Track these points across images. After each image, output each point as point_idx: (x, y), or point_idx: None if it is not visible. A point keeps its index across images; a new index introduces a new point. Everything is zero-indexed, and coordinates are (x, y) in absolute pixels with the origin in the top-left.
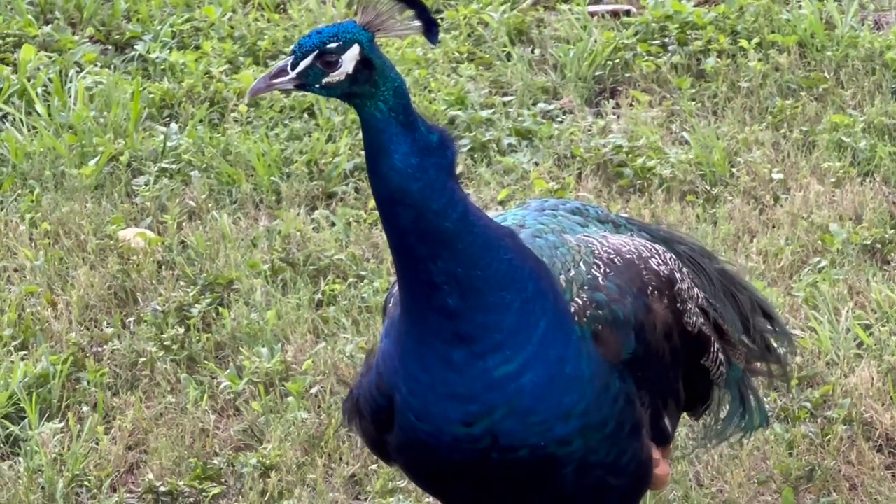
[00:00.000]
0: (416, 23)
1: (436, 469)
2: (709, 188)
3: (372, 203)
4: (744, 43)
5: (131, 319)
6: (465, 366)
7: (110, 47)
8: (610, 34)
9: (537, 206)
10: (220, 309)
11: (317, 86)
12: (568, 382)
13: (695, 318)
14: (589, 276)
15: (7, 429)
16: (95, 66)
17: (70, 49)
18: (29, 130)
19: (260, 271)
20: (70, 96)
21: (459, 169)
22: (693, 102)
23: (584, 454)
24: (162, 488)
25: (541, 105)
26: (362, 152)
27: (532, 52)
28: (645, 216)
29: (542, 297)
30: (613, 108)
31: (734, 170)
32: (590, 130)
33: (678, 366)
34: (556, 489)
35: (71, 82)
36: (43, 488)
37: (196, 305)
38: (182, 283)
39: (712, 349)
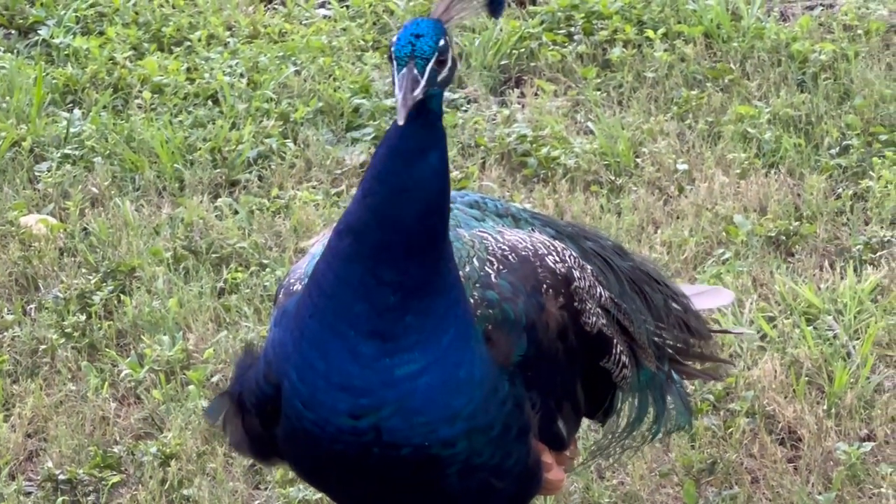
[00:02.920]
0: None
1: (319, 460)
2: (613, 178)
3: (275, 191)
4: (650, 33)
5: (32, 306)
6: (371, 360)
7: (13, 32)
8: (515, 23)
9: None
10: (122, 296)
11: (435, 87)
12: (459, 386)
13: (594, 319)
14: (482, 274)
15: None
16: None
17: None
18: None
19: (162, 259)
20: None
21: (363, 158)
22: (598, 92)
23: (469, 456)
24: (61, 476)
25: (445, 94)
26: (266, 140)
27: None
28: (549, 206)
29: (457, 305)
30: (518, 97)
31: (639, 160)
32: (494, 120)
33: (575, 367)
34: (440, 490)
35: None
36: None
37: (98, 293)
38: (84, 271)
39: (614, 350)
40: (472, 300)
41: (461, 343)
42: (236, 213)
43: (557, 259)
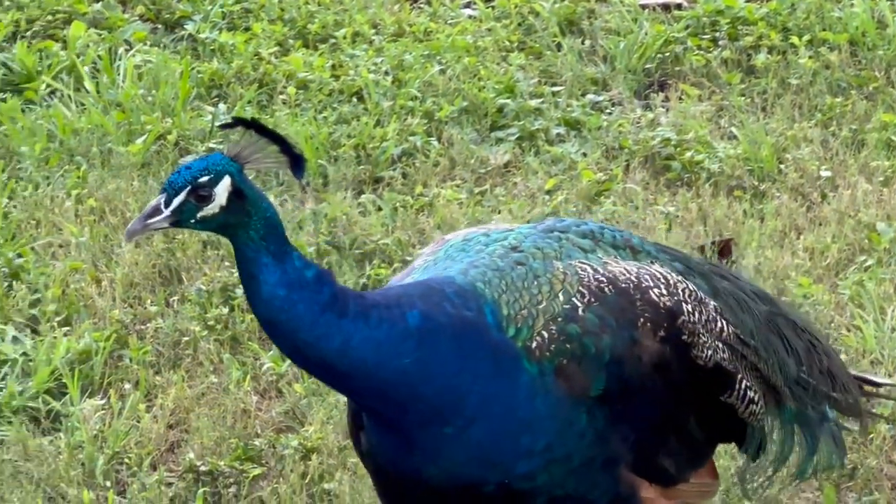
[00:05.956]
0: (284, 157)
1: (399, 491)
2: (756, 184)
3: (419, 189)
4: (794, 40)
5: (175, 298)
6: (408, 439)
7: (160, 26)
8: (661, 27)
9: (549, 225)
10: None
11: (192, 221)
12: (523, 426)
13: (710, 352)
14: (566, 307)
15: (49, 404)
16: (145, 44)
17: (120, 27)
18: (77, 107)
19: (305, 254)
20: (119, 74)
21: (507, 157)
22: (742, 98)
23: (551, 487)
24: (202, 468)
25: (590, 96)
26: (410, 138)
27: (582, 42)
28: (692, 210)
29: (474, 360)
30: (662, 101)
31: (782, 166)
32: (638, 123)
33: (682, 400)
34: None
35: (120, 60)
36: (83, 464)
37: (240, 286)
38: (227, 264)
39: (737, 386)
40: (546, 335)
41: (501, 390)
42: (380, 209)
43: (664, 293)
